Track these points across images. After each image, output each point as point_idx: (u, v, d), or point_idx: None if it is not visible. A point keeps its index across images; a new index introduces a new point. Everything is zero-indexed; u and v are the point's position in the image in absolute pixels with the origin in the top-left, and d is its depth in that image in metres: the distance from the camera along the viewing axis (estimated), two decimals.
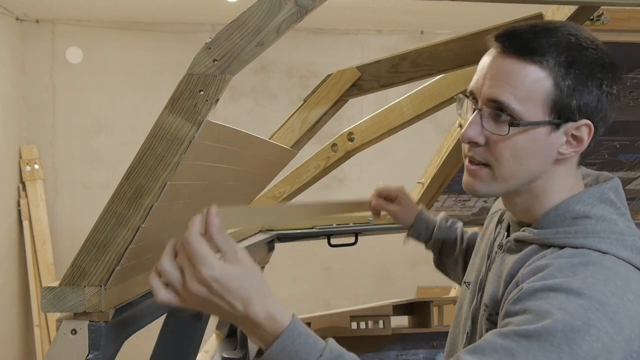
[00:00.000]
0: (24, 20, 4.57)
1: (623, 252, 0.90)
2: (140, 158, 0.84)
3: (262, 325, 0.81)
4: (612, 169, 2.00)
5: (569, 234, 0.93)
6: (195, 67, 0.81)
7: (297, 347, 0.82)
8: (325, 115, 1.48)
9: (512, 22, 1.30)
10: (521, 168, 0.95)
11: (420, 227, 1.52)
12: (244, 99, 4.84)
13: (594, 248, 0.90)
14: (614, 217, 0.95)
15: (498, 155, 0.94)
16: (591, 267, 0.87)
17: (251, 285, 0.81)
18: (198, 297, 0.79)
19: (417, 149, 4.77)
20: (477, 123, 0.95)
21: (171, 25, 4.77)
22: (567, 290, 0.84)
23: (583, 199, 0.96)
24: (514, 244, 1.00)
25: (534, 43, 0.91)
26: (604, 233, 0.92)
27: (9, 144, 4.38)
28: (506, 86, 0.92)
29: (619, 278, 0.86)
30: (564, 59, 0.91)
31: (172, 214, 0.96)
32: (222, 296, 0.79)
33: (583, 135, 0.93)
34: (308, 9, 0.81)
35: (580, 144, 0.94)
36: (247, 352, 2.23)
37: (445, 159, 1.90)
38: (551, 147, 0.94)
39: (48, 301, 0.85)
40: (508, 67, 0.93)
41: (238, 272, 0.80)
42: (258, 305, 0.80)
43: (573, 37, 0.92)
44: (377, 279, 4.95)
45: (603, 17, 1.20)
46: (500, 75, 0.93)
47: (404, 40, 4.97)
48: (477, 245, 1.20)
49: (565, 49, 0.91)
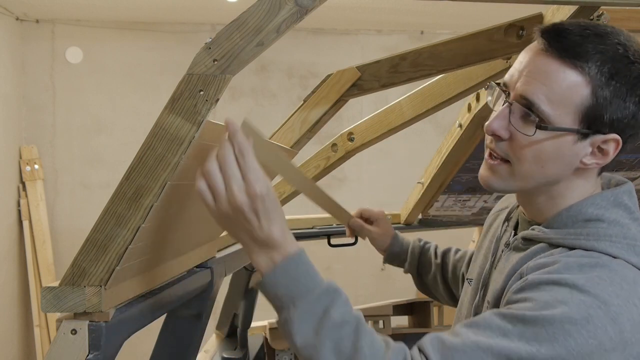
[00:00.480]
0: (24, 20, 4.56)
1: (634, 257, 0.90)
2: (140, 158, 0.84)
3: (276, 247, 0.85)
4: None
5: (580, 236, 0.92)
6: (195, 67, 0.82)
7: (299, 273, 0.85)
8: (325, 115, 1.48)
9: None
10: (541, 170, 0.93)
11: (395, 250, 1.55)
12: (244, 99, 4.84)
13: (605, 252, 0.89)
14: (627, 221, 0.94)
15: (520, 154, 0.93)
16: (599, 268, 0.87)
17: (279, 213, 0.86)
18: (236, 208, 0.83)
19: (417, 149, 4.77)
20: (505, 117, 0.93)
21: (171, 25, 4.77)
22: (572, 286, 0.84)
23: (597, 201, 0.95)
24: (522, 242, 1.00)
25: (580, 47, 0.88)
26: (616, 237, 0.91)
27: (9, 144, 4.38)
28: (541, 86, 0.90)
29: (626, 282, 0.86)
30: (607, 70, 0.88)
31: (172, 214, 0.96)
32: (259, 213, 0.83)
33: (609, 149, 0.92)
34: (308, 9, 0.81)
35: (605, 157, 0.93)
36: (247, 352, 2.23)
37: (445, 159, 1.90)
38: (575, 155, 0.92)
39: (48, 301, 0.85)
40: (547, 67, 0.90)
41: (275, 198, 0.85)
42: (279, 229, 0.85)
43: (622, 47, 0.89)
44: (377, 279, 4.95)
45: (603, 17, 1.20)
46: (537, 74, 0.90)
47: (404, 40, 4.98)
48: (479, 242, 1.20)
49: (611, 59, 0.88)
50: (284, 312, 0.85)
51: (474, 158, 1.88)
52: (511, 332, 0.83)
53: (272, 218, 0.84)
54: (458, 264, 1.47)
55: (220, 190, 0.83)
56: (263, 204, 0.83)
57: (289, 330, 0.85)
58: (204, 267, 1.31)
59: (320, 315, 0.84)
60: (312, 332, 0.84)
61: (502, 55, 1.30)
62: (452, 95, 1.53)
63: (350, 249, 2.13)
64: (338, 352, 0.83)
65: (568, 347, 0.81)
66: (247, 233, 0.85)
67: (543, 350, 0.81)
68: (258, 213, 0.83)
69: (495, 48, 1.30)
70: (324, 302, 0.85)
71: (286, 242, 0.86)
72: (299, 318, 0.84)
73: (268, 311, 0.97)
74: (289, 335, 0.85)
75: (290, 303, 0.85)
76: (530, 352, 0.81)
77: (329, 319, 0.84)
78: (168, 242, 1.03)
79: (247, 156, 0.83)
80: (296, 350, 0.86)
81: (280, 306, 0.86)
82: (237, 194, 0.82)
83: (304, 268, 0.86)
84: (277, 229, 0.85)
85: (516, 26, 1.28)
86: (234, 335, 2.28)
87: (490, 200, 2.24)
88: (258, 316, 2.35)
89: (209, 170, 0.83)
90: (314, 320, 0.84)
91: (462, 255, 1.48)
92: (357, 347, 0.83)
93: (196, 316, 1.32)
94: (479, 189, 2.13)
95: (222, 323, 2.31)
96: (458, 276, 1.46)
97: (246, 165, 0.82)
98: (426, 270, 1.53)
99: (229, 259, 1.48)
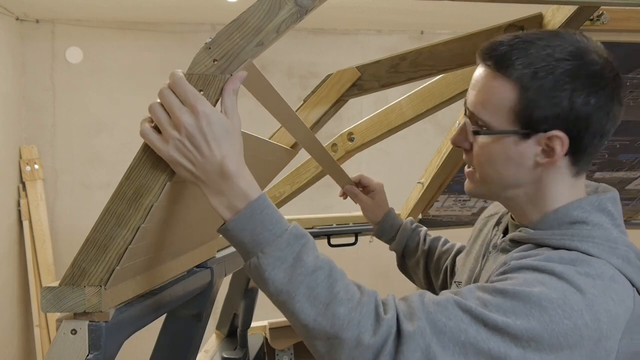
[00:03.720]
0: (24, 20, 4.56)
1: (614, 259, 0.92)
2: (140, 158, 0.84)
3: (232, 184, 0.82)
4: (612, 169, 2.00)
5: (565, 236, 0.95)
6: (195, 67, 0.82)
7: (264, 217, 0.83)
8: (325, 115, 1.48)
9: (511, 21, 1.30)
10: (497, 174, 0.99)
11: (386, 226, 1.59)
12: (244, 99, 4.78)
13: (587, 252, 0.92)
14: (609, 226, 0.98)
15: (476, 160, 1.01)
16: (579, 262, 0.90)
17: (234, 144, 0.83)
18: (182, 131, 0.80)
19: (417, 149, 4.77)
20: (462, 130, 1.03)
21: (171, 25, 4.77)
22: (551, 272, 0.88)
23: (582, 205, 0.99)
24: (509, 244, 1.04)
25: (505, 55, 0.95)
26: (599, 239, 0.94)
27: (9, 144, 4.38)
28: (479, 97, 0.98)
29: (603, 278, 0.89)
30: (530, 71, 0.92)
31: (172, 214, 0.96)
32: (206, 135, 0.80)
33: (554, 146, 0.94)
34: (308, 9, 0.81)
35: (553, 154, 0.95)
36: (247, 352, 2.23)
37: (445, 159, 1.90)
38: (523, 155, 0.97)
39: (48, 301, 0.85)
40: (482, 79, 0.98)
41: (229, 125, 0.82)
42: (234, 162, 0.82)
43: (550, 48, 0.93)
44: (377, 279, 4.94)
45: (603, 17, 1.20)
46: (476, 87, 0.99)
47: (404, 40, 4.98)
48: (468, 247, 1.24)
49: (535, 60, 0.92)
50: (252, 258, 0.83)
51: None
52: (490, 302, 0.85)
53: (222, 145, 0.81)
54: (443, 256, 1.51)
55: (163, 120, 0.81)
56: (209, 125, 0.80)
57: (259, 276, 0.83)
58: (204, 267, 1.31)
59: (292, 262, 0.83)
60: (285, 280, 0.82)
61: None
62: (452, 95, 1.53)
63: (350, 249, 2.13)
64: (313, 299, 0.82)
65: (542, 322, 0.83)
66: (200, 167, 0.82)
67: (518, 322, 0.83)
68: (205, 135, 0.80)
69: None
70: (294, 248, 0.83)
71: (245, 179, 0.83)
72: (269, 265, 0.82)
73: (268, 311, 0.97)
74: (260, 281, 0.84)
75: (257, 250, 0.83)
76: (506, 322, 0.83)
77: (302, 265, 0.83)
78: (168, 242, 1.03)
79: (183, 85, 0.80)
80: (269, 296, 0.84)
81: (246, 252, 0.84)
82: (179, 114, 0.80)
83: (268, 212, 0.84)
84: (231, 160, 0.82)
85: (516, 26, 1.28)
86: (234, 335, 2.28)
87: (489, 201, 2.23)
88: (258, 316, 2.35)
89: (150, 107, 0.82)
90: (285, 267, 0.82)
91: (449, 248, 1.53)
92: (332, 292, 0.83)
93: (196, 316, 1.31)
94: None
95: (222, 323, 2.31)
96: (440, 267, 1.50)
97: (184, 91, 0.80)
98: (411, 253, 1.57)
99: (229, 259, 1.48)
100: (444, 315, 0.84)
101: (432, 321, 0.83)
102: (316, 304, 0.82)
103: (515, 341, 0.82)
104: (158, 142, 0.82)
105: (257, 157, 1.23)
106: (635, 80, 1.41)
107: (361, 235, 2.19)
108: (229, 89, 0.82)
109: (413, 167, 3.28)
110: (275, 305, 0.86)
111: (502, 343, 0.82)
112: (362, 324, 0.82)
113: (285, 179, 1.89)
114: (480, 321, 0.83)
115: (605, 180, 2.06)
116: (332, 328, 0.82)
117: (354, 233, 2.18)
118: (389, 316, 0.84)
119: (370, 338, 0.82)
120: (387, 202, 1.61)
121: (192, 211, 1.05)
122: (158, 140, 0.82)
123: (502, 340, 0.82)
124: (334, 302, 0.83)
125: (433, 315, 0.84)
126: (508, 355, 0.82)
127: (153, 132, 0.82)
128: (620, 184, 2.12)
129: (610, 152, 1.86)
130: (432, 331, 0.82)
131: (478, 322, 0.83)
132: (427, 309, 0.85)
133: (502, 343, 0.82)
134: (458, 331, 0.82)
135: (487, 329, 0.83)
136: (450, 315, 0.84)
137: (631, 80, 1.41)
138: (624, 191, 2.18)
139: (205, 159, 0.81)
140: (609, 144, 1.78)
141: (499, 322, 0.82)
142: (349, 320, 0.82)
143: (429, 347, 0.82)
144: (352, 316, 0.82)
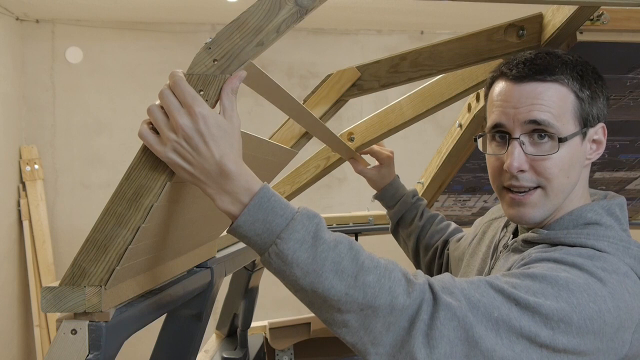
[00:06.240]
0: (24, 20, 4.57)
1: (627, 258, 0.96)
2: (140, 158, 0.84)
3: (234, 181, 0.82)
4: (612, 169, 2.00)
5: (581, 235, 0.99)
6: (195, 67, 0.81)
7: (272, 204, 0.83)
8: (325, 115, 1.48)
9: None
10: (568, 180, 1.02)
11: (387, 195, 1.65)
12: (244, 99, 4.84)
13: (603, 250, 0.96)
14: (618, 229, 1.03)
15: (548, 174, 1.01)
16: (596, 258, 0.94)
17: (232, 143, 0.82)
18: (180, 133, 0.79)
19: (417, 149, 4.77)
20: (520, 152, 1.01)
21: (171, 25, 4.77)
22: (572, 264, 0.91)
23: (594, 208, 1.03)
24: (521, 244, 1.06)
25: (548, 64, 1.01)
26: (613, 239, 0.98)
27: (9, 144, 4.38)
28: (541, 106, 0.99)
29: (618, 273, 0.93)
30: (576, 74, 1.01)
31: (172, 214, 0.96)
32: (205, 137, 0.80)
33: (601, 137, 1.04)
34: (308, 9, 0.81)
35: (600, 146, 1.05)
36: (247, 352, 2.23)
37: (445, 159, 1.90)
38: (583, 154, 1.03)
39: (48, 301, 0.85)
40: (535, 90, 1.00)
41: (226, 126, 0.82)
42: (233, 161, 0.82)
43: (568, 56, 1.03)
44: None
45: (603, 17, 1.20)
46: (531, 99, 1.00)
47: (404, 40, 4.98)
48: (472, 249, 1.26)
49: (573, 65, 1.02)
50: (271, 247, 0.82)
51: (473, 158, 1.88)
52: (519, 285, 0.88)
53: (220, 144, 0.81)
54: (436, 235, 1.56)
55: (161, 122, 0.81)
56: (206, 126, 0.79)
57: (282, 263, 0.82)
58: (204, 267, 1.30)
59: (311, 242, 0.82)
60: (310, 259, 0.81)
61: (502, 55, 1.30)
62: (452, 95, 1.53)
63: None
64: (341, 273, 0.82)
65: (571, 304, 0.86)
66: (199, 168, 0.81)
67: (549, 302, 0.85)
68: (203, 135, 0.79)
69: (495, 48, 1.30)
70: (309, 228, 0.82)
71: (246, 175, 0.83)
72: (290, 249, 0.81)
73: (268, 311, 0.97)
74: (284, 267, 0.82)
75: (274, 237, 0.82)
76: (537, 301, 0.85)
77: (322, 242, 0.82)
78: (168, 242, 1.03)
79: (183, 86, 0.80)
80: (295, 282, 0.83)
81: (263, 243, 0.83)
82: (176, 116, 0.79)
83: (275, 199, 0.83)
84: (229, 159, 0.81)
85: (516, 26, 1.28)
86: (234, 335, 2.28)
87: (490, 200, 2.24)
88: (258, 316, 2.35)
89: (148, 109, 0.82)
90: (306, 248, 0.81)
91: (444, 227, 1.57)
92: (358, 263, 0.82)
93: (196, 316, 1.31)
94: (479, 189, 2.13)
95: (222, 323, 2.31)
96: (431, 245, 1.56)
97: (183, 92, 0.79)
98: (406, 224, 1.63)
99: (229, 259, 1.48)
100: (478, 292, 0.86)
101: (466, 296, 0.85)
102: (345, 277, 0.82)
103: (546, 321, 0.84)
104: (156, 144, 0.82)
105: (257, 157, 1.23)
106: (635, 80, 1.41)
107: (361, 236, 2.19)
108: (228, 89, 0.82)
109: (413, 167, 3.28)
110: (301, 292, 0.84)
111: (533, 322, 0.84)
112: (394, 289, 0.83)
113: (285, 179, 1.89)
114: (512, 300, 0.85)
115: (605, 180, 2.06)
116: (365, 298, 0.82)
117: (354, 233, 2.18)
118: (421, 282, 0.85)
119: (405, 301, 0.83)
120: (392, 173, 1.66)
121: (192, 211, 1.05)
122: (156, 142, 0.82)
123: (533, 319, 0.84)
124: (361, 272, 0.82)
125: (467, 292, 0.86)
126: (538, 335, 0.84)
127: (151, 133, 0.82)
128: (620, 184, 2.12)
129: (610, 152, 1.86)
130: (468, 305, 0.84)
131: (510, 301, 0.85)
132: (461, 285, 0.87)
133: (532, 322, 0.84)
134: (492, 307, 0.85)
135: (519, 308, 0.85)
136: (483, 292, 0.86)
137: (631, 80, 1.41)
138: (624, 191, 2.18)
139: (204, 159, 0.81)
140: (609, 144, 1.78)
141: (530, 302, 0.85)
142: (380, 286, 0.82)
143: (465, 317, 0.83)
144: (383, 282, 0.83)
